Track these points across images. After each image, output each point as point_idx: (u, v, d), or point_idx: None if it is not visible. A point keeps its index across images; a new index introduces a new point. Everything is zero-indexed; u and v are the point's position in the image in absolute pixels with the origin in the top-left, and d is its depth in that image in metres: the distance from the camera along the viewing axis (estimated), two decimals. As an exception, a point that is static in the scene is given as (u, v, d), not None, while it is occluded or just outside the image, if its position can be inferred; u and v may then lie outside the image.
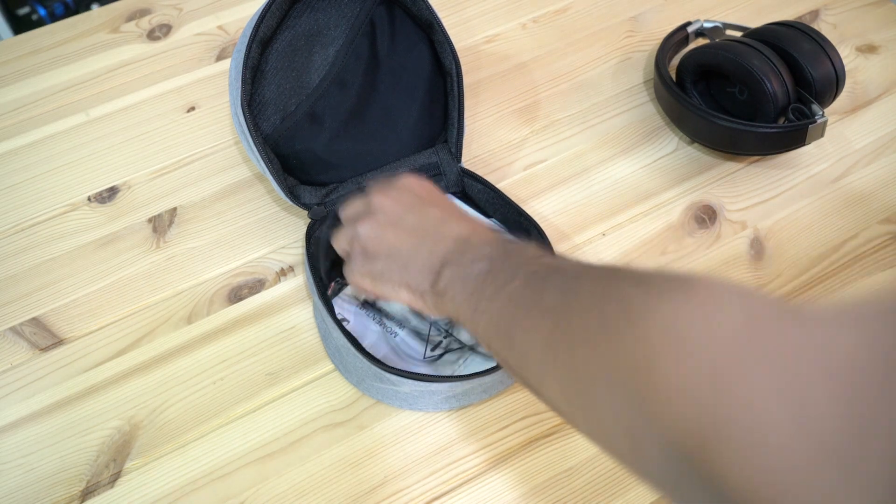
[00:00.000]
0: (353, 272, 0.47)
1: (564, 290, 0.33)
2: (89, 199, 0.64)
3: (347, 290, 0.57)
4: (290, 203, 0.56)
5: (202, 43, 0.75)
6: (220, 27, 0.76)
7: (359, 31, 0.56)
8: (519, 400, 0.53)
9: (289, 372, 0.54)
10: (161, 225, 0.62)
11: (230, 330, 0.56)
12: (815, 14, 0.78)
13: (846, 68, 0.63)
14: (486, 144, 0.67)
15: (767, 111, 0.61)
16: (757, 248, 0.61)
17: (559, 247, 0.60)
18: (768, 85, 0.60)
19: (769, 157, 0.66)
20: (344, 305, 0.56)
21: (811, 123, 0.59)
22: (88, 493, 0.49)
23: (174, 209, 0.63)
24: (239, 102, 0.52)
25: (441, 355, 0.54)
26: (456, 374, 0.53)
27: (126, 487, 0.50)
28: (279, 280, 0.59)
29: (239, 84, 0.52)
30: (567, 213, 0.63)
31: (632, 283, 0.30)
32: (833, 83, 0.62)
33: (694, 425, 0.23)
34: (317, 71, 0.56)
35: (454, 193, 0.62)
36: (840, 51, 0.63)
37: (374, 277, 0.45)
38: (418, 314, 0.56)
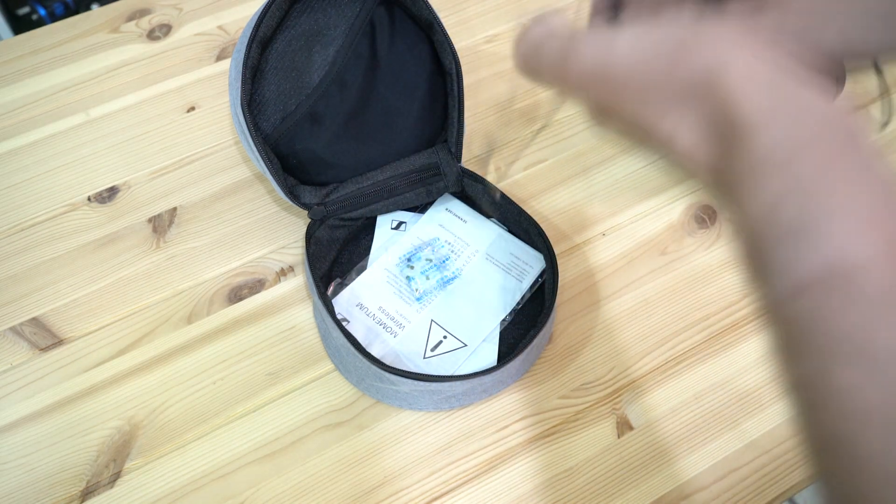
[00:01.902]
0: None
1: None
2: (89, 199, 0.64)
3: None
4: (290, 203, 0.56)
5: (202, 43, 0.75)
6: (220, 27, 0.76)
7: (359, 31, 0.56)
8: (519, 400, 0.53)
9: (289, 372, 0.54)
10: (161, 225, 0.62)
11: (230, 330, 0.56)
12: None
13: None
14: (486, 144, 0.67)
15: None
16: (757, 248, 0.61)
17: (559, 247, 0.61)
18: (768, 85, 0.60)
19: (769, 157, 0.66)
20: (344, 305, 0.56)
21: (811, 123, 0.59)
22: (88, 493, 0.49)
23: (174, 209, 0.63)
24: (239, 102, 0.52)
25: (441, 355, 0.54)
26: (456, 374, 0.53)
27: (126, 487, 0.50)
28: (279, 280, 0.59)
29: (239, 84, 0.52)
30: (567, 213, 0.63)
31: None
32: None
33: None
34: (317, 71, 0.56)
35: (454, 193, 0.62)
36: (840, 51, 0.63)
37: None
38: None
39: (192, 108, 0.70)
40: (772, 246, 0.22)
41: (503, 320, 0.56)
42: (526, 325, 0.56)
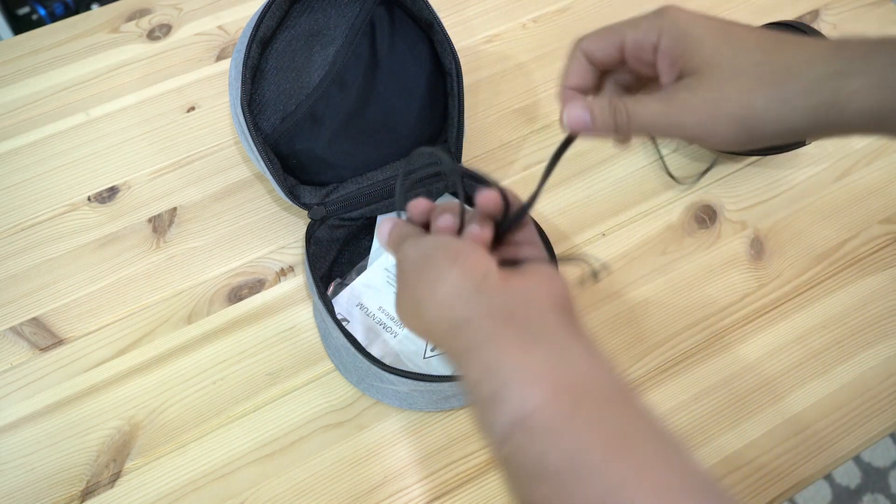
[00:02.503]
0: None
1: None
2: (89, 199, 0.64)
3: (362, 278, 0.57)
4: (290, 203, 0.56)
5: (202, 43, 0.75)
6: (220, 27, 0.76)
7: (359, 31, 0.56)
8: (519, 400, 0.53)
9: (289, 372, 0.54)
10: (161, 225, 0.62)
11: (230, 330, 0.56)
12: (815, 14, 0.78)
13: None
14: (486, 144, 0.67)
15: (767, 111, 0.61)
16: (757, 248, 0.61)
17: (559, 247, 0.60)
18: (768, 85, 0.60)
19: (769, 157, 0.66)
20: (344, 305, 0.56)
21: (811, 123, 0.59)
22: (88, 493, 0.49)
23: (174, 209, 0.63)
24: (239, 102, 0.52)
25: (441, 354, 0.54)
26: (455, 373, 0.53)
27: (126, 487, 0.50)
28: (279, 280, 0.59)
29: (239, 84, 0.52)
30: (567, 213, 0.63)
31: None
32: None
33: None
34: (317, 71, 0.56)
35: (454, 194, 0.62)
36: (840, 51, 0.63)
37: None
38: None
39: (192, 108, 0.70)
40: (481, 412, 0.31)
41: (503, 320, 0.56)
42: (526, 325, 0.56)
